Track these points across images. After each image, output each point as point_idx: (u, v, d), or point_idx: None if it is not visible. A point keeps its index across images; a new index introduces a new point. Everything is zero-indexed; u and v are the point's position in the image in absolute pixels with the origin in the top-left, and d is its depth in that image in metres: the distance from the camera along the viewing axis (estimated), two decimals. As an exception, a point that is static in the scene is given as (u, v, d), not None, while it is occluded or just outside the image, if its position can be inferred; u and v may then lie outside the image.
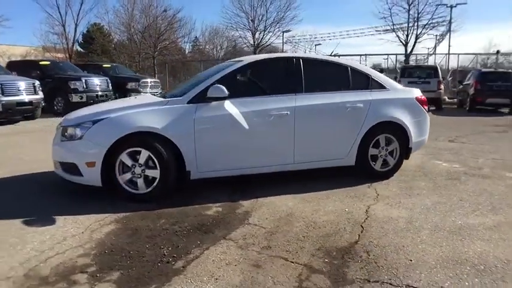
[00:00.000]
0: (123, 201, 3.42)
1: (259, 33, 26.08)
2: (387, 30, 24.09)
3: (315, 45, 39.67)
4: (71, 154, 3.42)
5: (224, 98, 3.53)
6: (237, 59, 4.29)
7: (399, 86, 4.56)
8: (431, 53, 26.83)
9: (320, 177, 4.16)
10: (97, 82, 10.80)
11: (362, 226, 2.99)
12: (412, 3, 23.22)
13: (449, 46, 24.99)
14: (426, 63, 21.79)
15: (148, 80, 13.28)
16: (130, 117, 3.42)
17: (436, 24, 23.78)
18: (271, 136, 3.81)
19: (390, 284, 2.19)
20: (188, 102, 3.57)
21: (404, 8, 23.69)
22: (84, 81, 10.28)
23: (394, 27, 23.83)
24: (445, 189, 3.91)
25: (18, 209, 3.26)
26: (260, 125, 3.72)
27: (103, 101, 11.24)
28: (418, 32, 23.66)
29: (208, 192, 3.72)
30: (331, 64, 4.30)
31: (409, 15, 23.64)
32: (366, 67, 4.71)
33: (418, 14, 23.48)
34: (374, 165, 4.25)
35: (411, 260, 2.46)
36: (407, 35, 23.38)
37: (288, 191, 3.78)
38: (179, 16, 26.22)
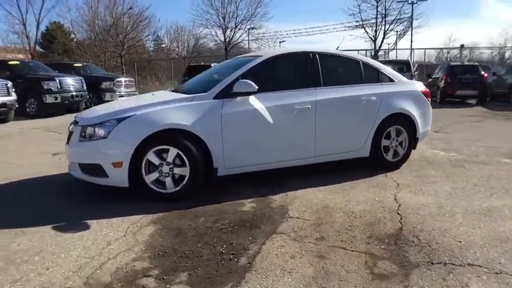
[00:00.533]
0: (151, 201, 3.28)
1: (230, 31, 25.96)
2: (356, 26, 24.92)
3: (280, 42, 40.23)
4: (94, 155, 3.23)
5: (252, 93, 3.49)
6: (254, 54, 4.25)
7: (405, 79, 4.73)
8: (392, 48, 28.15)
9: (335, 170, 4.22)
10: (71, 82, 10.23)
11: (398, 213, 3.09)
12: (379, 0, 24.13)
13: (411, 41, 26.32)
14: (397, 58, 22.68)
15: (123, 79, 12.77)
16: (158, 114, 3.28)
17: (403, 21, 24.88)
18: (295, 130, 3.82)
19: (453, 264, 2.29)
20: (214, 98, 3.49)
21: (372, 5, 24.62)
22: (58, 81, 9.69)
23: (364, 23, 24.64)
24: (456, 176, 4.12)
25: (41, 215, 3.03)
26: (284, 120, 3.72)
27: (78, 101, 10.71)
28: (386, 28, 24.64)
29: (235, 188, 3.66)
30: (344, 58, 4.38)
31: (377, 11, 24.56)
32: (374, 61, 4.84)
33: (385, 10, 24.46)
34: (386, 156, 4.39)
35: (460, 242, 2.57)
36: (375, 31, 24.28)
37: (311, 184, 3.81)
38: (146, 14, 25.55)
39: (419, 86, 4.70)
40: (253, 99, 3.60)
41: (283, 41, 34.71)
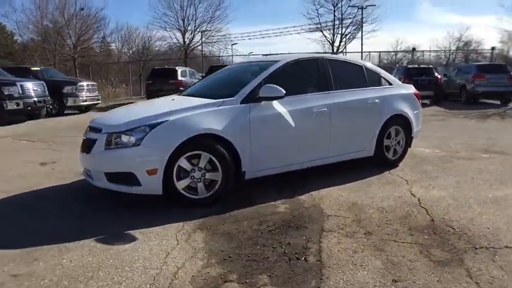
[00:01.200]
0: (182, 208, 3.22)
1: (190, 33, 25.56)
2: (315, 29, 25.83)
3: (232, 44, 40.47)
4: (125, 163, 3.11)
5: (280, 98, 3.57)
6: (271, 59, 4.32)
7: (400, 82, 5.09)
8: (341, 51, 29.57)
9: (341, 170, 4.41)
10: (33, 87, 9.47)
11: (422, 207, 3.33)
12: (336, 4, 25.21)
13: (361, 45, 27.81)
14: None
15: (85, 83, 12.04)
16: (191, 120, 3.24)
17: (357, 25, 26.15)
18: (313, 132, 3.96)
19: (493, 247, 2.55)
20: (241, 103, 3.52)
21: (329, 9, 25.65)
22: (19, 86, 8.94)
23: (322, 27, 25.57)
24: (451, 171, 4.51)
25: (75, 228, 2.86)
26: (304, 123, 3.84)
27: (40, 108, 9.97)
28: (343, 31, 25.76)
29: (259, 192, 3.70)
30: (350, 63, 4.62)
31: (334, 15, 25.64)
32: (374, 66, 5.13)
33: (342, 15, 25.60)
34: (387, 154, 4.70)
35: (488, 228, 2.86)
36: (333, 34, 25.35)
37: (329, 183, 3.96)
38: (101, 15, 24.33)
39: (412, 89, 5.08)
40: (276, 104, 3.68)
41: (235, 43, 34.96)
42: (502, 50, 34.70)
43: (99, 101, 12.81)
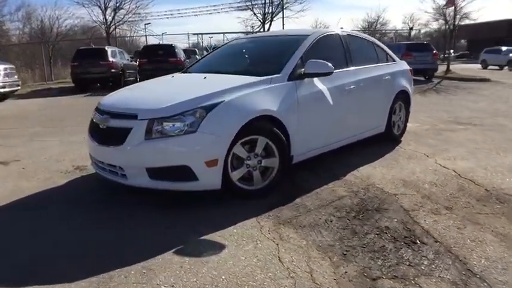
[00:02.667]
0: (231, 201, 2.80)
1: (111, 10, 22.90)
2: (245, 8, 25.19)
3: (145, 24, 37.97)
4: (177, 154, 2.54)
5: (328, 74, 3.26)
6: (298, 33, 3.94)
7: (398, 59, 5.16)
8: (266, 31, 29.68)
9: (353, 149, 4.34)
10: None
11: (466, 178, 3.41)
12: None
13: (283, 25, 28.13)
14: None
15: (1, 66, 10.01)
16: (247, 100, 2.78)
17: (287, 5, 26.04)
18: (347, 110, 3.78)
19: None
20: (288, 80, 3.14)
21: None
22: None
23: (252, 5, 24.93)
24: (451, 143, 4.73)
25: (135, 241, 2.27)
26: (339, 100, 3.62)
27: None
28: (274, 10, 25.42)
29: (298, 176, 3.41)
30: (363, 39, 4.51)
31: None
32: (380, 43, 5.08)
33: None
34: (393, 130, 4.77)
35: (537, 192, 3.06)
36: (264, 14, 24.99)
37: (356, 162, 3.84)
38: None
39: (407, 65, 5.21)
40: (317, 81, 3.39)
41: (149, 23, 32.78)
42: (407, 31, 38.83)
43: (19, 87, 10.85)
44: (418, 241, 2.27)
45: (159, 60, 14.16)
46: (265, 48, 3.92)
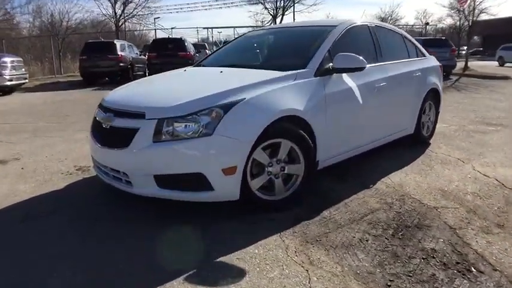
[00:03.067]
0: (248, 214, 2.46)
1: (121, 4, 22.60)
2: (256, 2, 24.64)
3: (155, 18, 37.55)
4: (191, 160, 2.21)
5: (359, 70, 2.90)
6: (324, 24, 3.56)
7: (427, 54, 4.75)
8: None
9: (377, 153, 3.98)
10: None
11: (510, 189, 3.04)
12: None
13: (294, 19, 27.58)
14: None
15: (8, 59, 9.78)
16: (270, 98, 2.43)
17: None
18: (376, 110, 3.41)
19: None
20: (315, 75, 2.79)
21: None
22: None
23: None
24: (483, 146, 4.31)
25: (135, 263, 1.94)
26: (369, 99, 3.24)
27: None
28: (285, 4, 24.85)
29: (321, 184, 3.05)
30: (393, 31, 4.11)
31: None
32: (410, 36, 4.68)
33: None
34: (423, 131, 4.38)
35: None
36: (275, 8, 24.44)
37: (384, 168, 3.47)
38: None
39: (437, 61, 4.80)
40: (346, 77, 3.03)
41: (158, 17, 32.43)
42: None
43: (26, 80, 10.64)
44: (473, 269, 1.91)
45: (168, 54, 13.89)
46: (287, 40, 3.54)
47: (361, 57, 2.90)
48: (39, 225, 2.40)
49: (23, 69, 10.57)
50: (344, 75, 3.02)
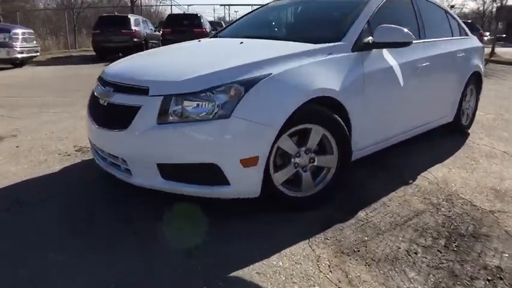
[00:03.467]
0: (273, 212, 2.09)
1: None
2: None
3: None
4: (202, 148, 1.81)
5: (405, 44, 2.44)
6: None
7: (470, 33, 4.20)
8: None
9: (410, 143, 3.53)
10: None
11: None
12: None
13: None
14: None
15: (20, 30, 9.46)
16: (302, 74, 2.00)
17: None
18: (417, 93, 2.93)
19: None
20: (352, 50, 2.33)
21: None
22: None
23: None
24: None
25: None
26: (410, 80, 2.77)
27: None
28: None
29: (354, 179, 2.65)
30: (435, 6, 3.56)
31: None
32: (453, 12, 4.13)
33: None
34: (462, 119, 3.90)
35: None
36: None
37: (422, 160, 3.02)
38: None
39: (479, 41, 4.24)
40: (386, 54, 2.57)
41: None
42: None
43: (38, 53, 10.35)
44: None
45: (183, 30, 13.42)
46: (318, 9, 3.03)
47: (406, 30, 2.44)
48: (26, 214, 2.08)
49: (34, 42, 10.26)
50: (384, 51, 2.55)
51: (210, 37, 3.34)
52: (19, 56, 9.43)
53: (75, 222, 2.00)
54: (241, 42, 2.50)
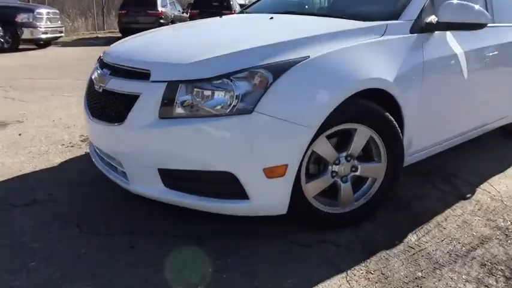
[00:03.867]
0: (300, 231, 1.70)
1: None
2: None
3: None
4: (215, 152, 1.41)
5: (478, 26, 1.93)
6: None
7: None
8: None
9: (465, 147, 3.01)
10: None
11: None
12: None
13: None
14: None
15: (44, 10, 9.31)
16: (348, 59, 1.55)
17: None
18: (482, 87, 2.39)
19: None
20: (411, 31, 1.84)
21: None
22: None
23: None
24: None
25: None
26: (476, 71, 2.24)
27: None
28: None
29: (400, 189, 2.18)
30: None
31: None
32: None
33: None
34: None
35: None
36: None
37: (474, 168, 2.51)
38: None
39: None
40: (450, 38, 2.06)
41: None
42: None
43: (62, 34, 10.22)
44: None
45: (211, 11, 12.99)
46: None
47: (480, 8, 1.92)
48: (8, 218, 1.77)
49: (59, 22, 10.11)
50: (448, 34, 2.03)
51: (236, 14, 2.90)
52: (43, 36, 9.31)
53: (50, 237, 1.66)
54: (271, 18, 2.05)
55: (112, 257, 1.50)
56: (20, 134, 2.94)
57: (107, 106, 1.63)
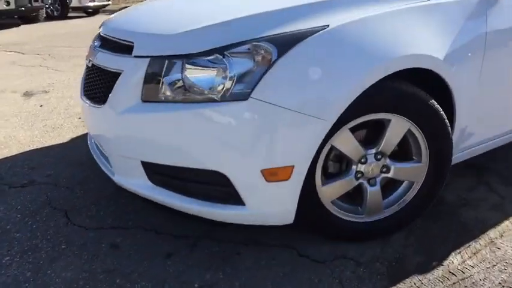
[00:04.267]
0: (314, 243, 1.41)
1: None
2: None
3: None
4: (203, 147, 1.15)
5: None
6: None
7: None
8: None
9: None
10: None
11: None
12: None
13: None
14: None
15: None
16: (379, 29, 1.17)
17: None
18: None
19: None
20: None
21: None
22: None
23: None
24: None
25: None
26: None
27: (38, 8, 7.77)
28: None
29: (445, 191, 1.80)
30: None
31: None
32: None
33: None
34: None
35: None
36: None
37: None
38: None
39: None
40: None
41: None
42: None
43: (109, 2, 10.33)
44: None
45: None
46: None
47: None
48: (7, 199, 1.68)
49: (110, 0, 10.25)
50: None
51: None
52: (91, 4, 9.46)
53: (34, 228, 1.52)
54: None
55: (91, 259, 1.33)
56: (41, 105, 2.89)
57: (94, 84, 1.41)
